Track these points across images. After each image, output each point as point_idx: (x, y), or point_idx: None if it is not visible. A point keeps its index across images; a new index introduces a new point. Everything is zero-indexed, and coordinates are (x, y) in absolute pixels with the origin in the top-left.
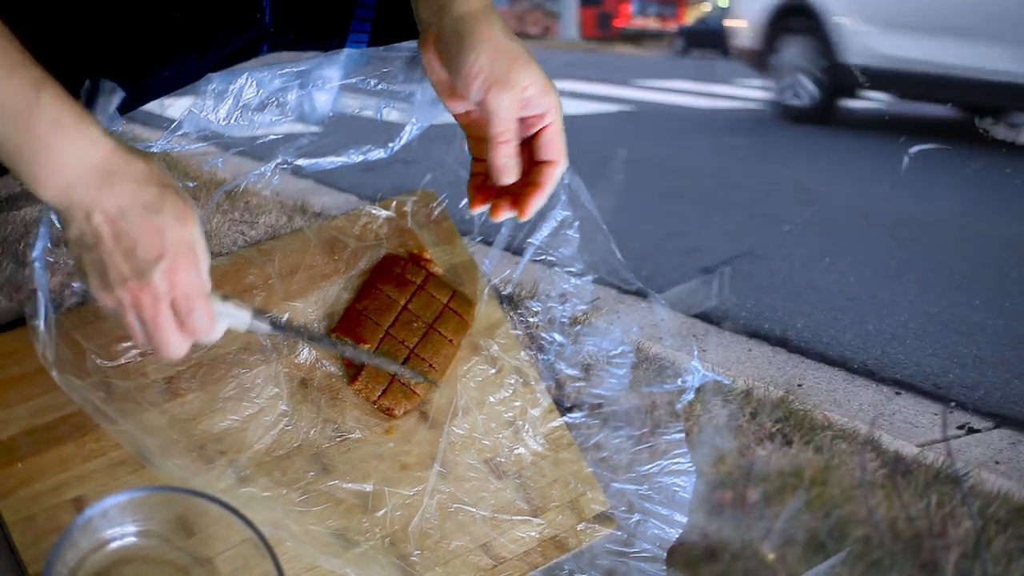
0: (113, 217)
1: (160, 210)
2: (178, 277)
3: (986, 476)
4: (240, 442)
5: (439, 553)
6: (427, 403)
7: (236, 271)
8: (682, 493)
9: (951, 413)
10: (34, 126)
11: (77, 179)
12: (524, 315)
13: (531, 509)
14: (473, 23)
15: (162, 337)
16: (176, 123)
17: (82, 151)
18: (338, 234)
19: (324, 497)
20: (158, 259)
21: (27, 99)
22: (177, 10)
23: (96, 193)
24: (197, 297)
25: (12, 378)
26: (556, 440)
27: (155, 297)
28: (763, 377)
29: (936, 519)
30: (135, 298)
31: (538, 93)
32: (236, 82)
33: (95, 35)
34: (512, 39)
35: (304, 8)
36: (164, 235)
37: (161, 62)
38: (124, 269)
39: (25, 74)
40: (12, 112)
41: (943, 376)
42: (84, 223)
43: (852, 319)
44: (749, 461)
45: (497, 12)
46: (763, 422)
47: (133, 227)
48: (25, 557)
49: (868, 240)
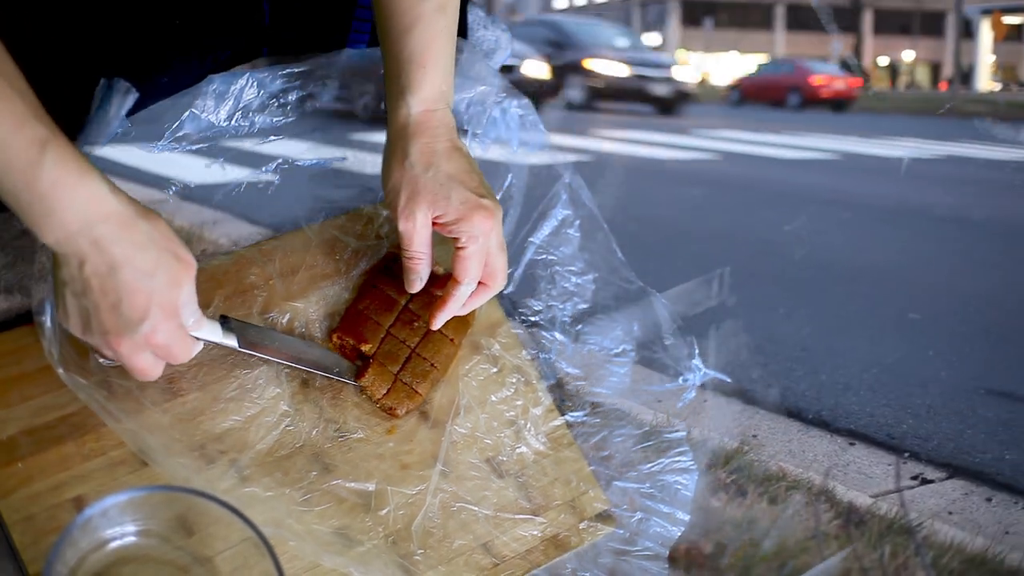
0: (104, 273)
1: (153, 275)
2: (157, 337)
3: (939, 527)
4: (241, 442)
5: (441, 552)
6: (428, 403)
7: (237, 271)
8: (684, 491)
9: (905, 464)
10: (37, 184)
11: (77, 232)
12: (525, 314)
13: (533, 508)
14: (392, 148)
15: (137, 372)
16: (177, 124)
17: (85, 209)
18: (339, 233)
19: (326, 496)
20: (141, 321)
21: (31, 156)
22: (177, 15)
23: (92, 249)
24: (174, 347)
25: (12, 378)
26: (557, 439)
27: (134, 349)
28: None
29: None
30: (113, 348)
31: (452, 221)
32: (237, 83)
33: (97, 41)
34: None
35: (304, 9)
36: (151, 299)
37: (162, 67)
38: (107, 322)
39: (31, 130)
40: (17, 167)
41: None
42: (76, 270)
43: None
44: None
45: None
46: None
47: (122, 287)
48: (25, 557)
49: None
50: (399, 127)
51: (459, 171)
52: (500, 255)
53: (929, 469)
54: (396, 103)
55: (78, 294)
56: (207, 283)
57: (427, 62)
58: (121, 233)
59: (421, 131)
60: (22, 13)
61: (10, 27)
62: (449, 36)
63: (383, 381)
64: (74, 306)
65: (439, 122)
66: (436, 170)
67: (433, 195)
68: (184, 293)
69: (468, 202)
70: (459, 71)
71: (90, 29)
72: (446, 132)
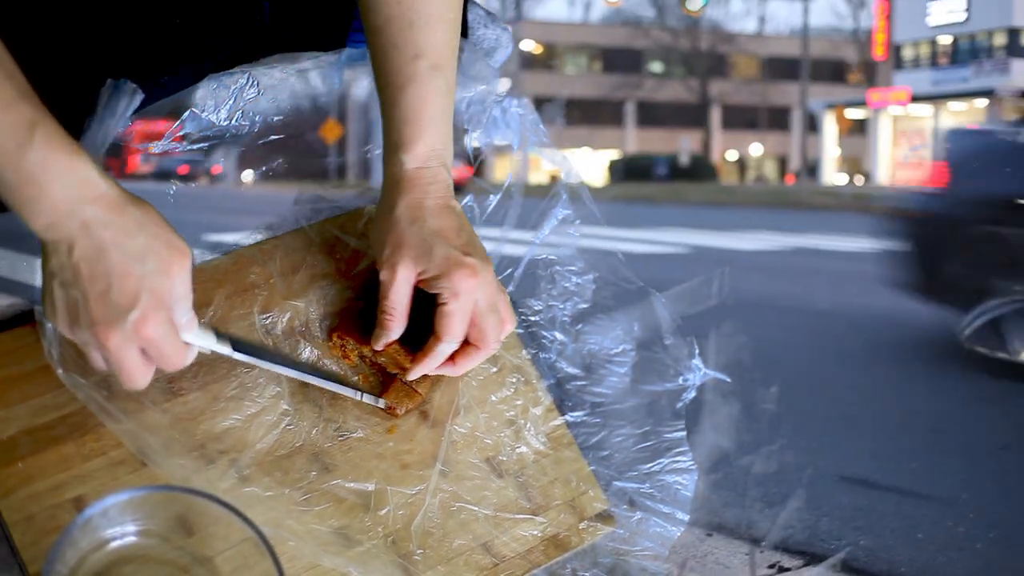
0: (93, 258)
1: (143, 260)
2: (147, 329)
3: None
4: (241, 441)
5: (441, 552)
6: (428, 402)
7: (237, 270)
8: (684, 491)
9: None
10: (25, 165)
11: (66, 214)
12: (525, 313)
13: (532, 508)
14: (385, 201)
15: (125, 374)
16: (177, 123)
17: (74, 191)
18: (340, 233)
19: (326, 496)
20: (130, 308)
21: (20, 137)
22: (177, 15)
23: (81, 232)
24: (165, 344)
25: (12, 378)
26: (557, 439)
27: (121, 342)
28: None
29: None
30: (101, 342)
31: (433, 277)
32: (237, 82)
33: (97, 41)
34: (413, 223)
35: (304, 8)
36: (141, 284)
37: (162, 67)
38: (95, 311)
39: (20, 111)
40: (6, 149)
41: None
42: (65, 256)
43: None
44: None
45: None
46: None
47: (112, 271)
48: (25, 557)
49: None
50: (392, 181)
51: (445, 228)
52: (489, 316)
53: (786, 558)
54: (390, 157)
55: (67, 283)
56: (207, 282)
57: (421, 121)
58: (111, 216)
59: (412, 187)
60: (23, 14)
61: (11, 27)
62: (446, 94)
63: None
64: (62, 298)
65: (431, 179)
66: (422, 225)
67: (416, 250)
68: (177, 284)
69: (450, 258)
70: (459, 70)
71: (91, 29)
72: (437, 189)
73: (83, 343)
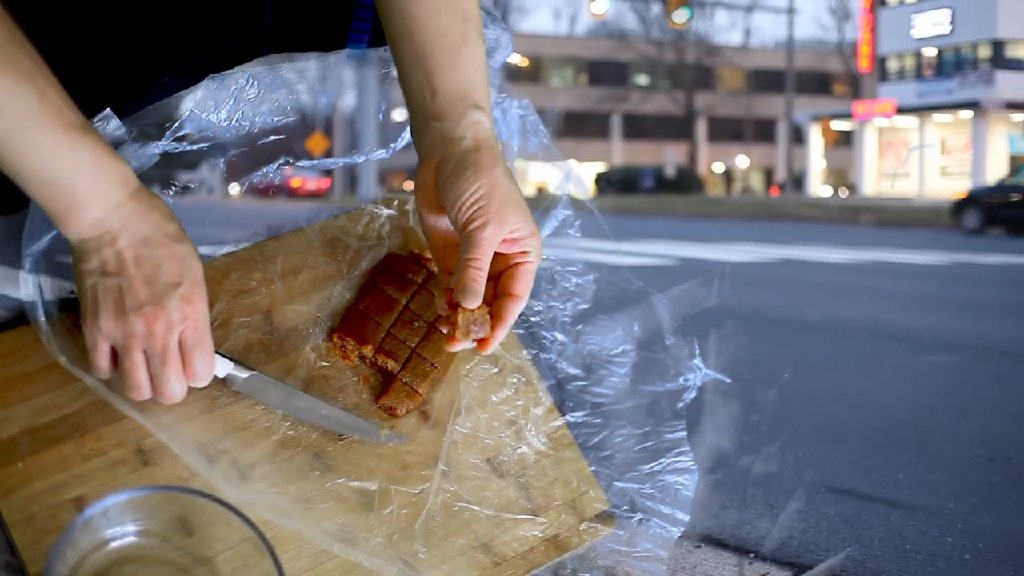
0: (137, 243)
1: (182, 240)
2: (191, 307)
3: None
4: (242, 441)
5: (443, 551)
6: (429, 402)
7: (238, 272)
8: (684, 492)
9: (750, 564)
10: (80, 167)
11: (113, 208)
12: (525, 314)
13: (533, 508)
14: (477, 156)
15: (166, 375)
16: (177, 123)
17: (117, 188)
18: (340, 234)
19: (328, 496)
20: (176, 285)
21: (74, 141)
22: (177, 15)
23: (126, 221)
24: (204, 332)
25: (12, 378)
26: (558, 439)
27: (168, 326)
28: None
29: None
30: (148, 327)
31: (526, 235)
32: (237, 82)
33: (98, 41)
34: (511, 180)
35: (304, 8)
36: (184, 262)
37: (162, 67)
38: (142, 294)
39: (69, 117)
40: (58, 153)
41: (741, 527)
42: (108, 248)
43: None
44: None
45: (499, 151)
46: (574, 567)
47: (156, 253)
48: (25, 557)
49: None
50: (478, 139)
51: (516, 189)
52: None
53: (774, 569)
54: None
55: (111, 273)
56: (208, 283)
57: (484, 83)
58: (148, 206)
59: (491, 148)
60: (23, 14)
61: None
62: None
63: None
64: (105, 290)
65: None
66: (505, 186)
67: (516, 206)
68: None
69: (530, 219)
70: None
71: (91, 29)
72: (500, 152)
73: (125, 339)
